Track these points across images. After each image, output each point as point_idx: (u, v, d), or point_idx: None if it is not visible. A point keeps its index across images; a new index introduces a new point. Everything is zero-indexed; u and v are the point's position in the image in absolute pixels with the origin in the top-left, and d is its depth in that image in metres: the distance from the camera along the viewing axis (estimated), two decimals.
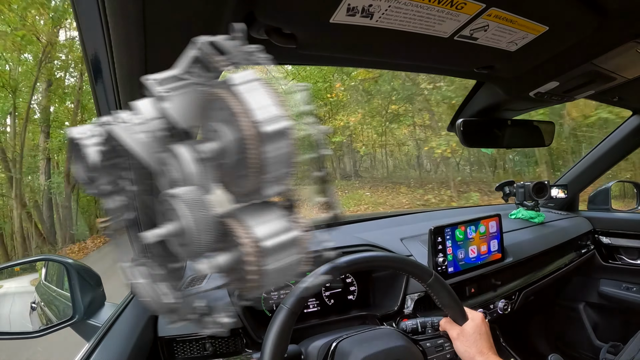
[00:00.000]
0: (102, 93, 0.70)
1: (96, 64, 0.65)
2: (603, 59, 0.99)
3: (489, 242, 1.63)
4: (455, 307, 1.02)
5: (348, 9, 0.63)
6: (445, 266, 1.50)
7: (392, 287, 1.39)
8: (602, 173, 2.20)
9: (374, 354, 0.93)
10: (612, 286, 2.14)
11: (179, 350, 1.17)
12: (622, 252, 2.13)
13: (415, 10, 0.67)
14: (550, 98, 1.25)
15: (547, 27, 0.78)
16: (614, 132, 2.05)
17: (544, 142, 1.61)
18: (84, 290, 1.23)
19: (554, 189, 2.19)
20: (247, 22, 0.64)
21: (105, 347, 0.99)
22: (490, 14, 0.71)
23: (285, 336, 0.86)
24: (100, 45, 0.60)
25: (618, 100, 1.52)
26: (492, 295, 1.61)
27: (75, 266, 1.23)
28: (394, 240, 1.63)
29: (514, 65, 0.98)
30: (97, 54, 0.63)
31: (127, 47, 0.59)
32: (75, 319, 1.18)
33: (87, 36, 0.62)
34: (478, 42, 0.81)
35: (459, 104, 1.44)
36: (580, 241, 2.12)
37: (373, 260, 1.03)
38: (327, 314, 1.36)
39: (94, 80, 0.68)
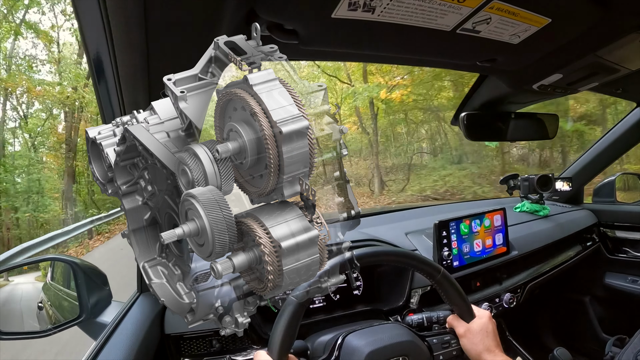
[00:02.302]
0: (105, 93, 0.70)
1: (99, 65, 0.65)
2: (606, 51, 0.98)
3: (494, 236, 1.63)
4: (463, 305, 1.02)
5: (349, 4, 0.63)
6: (450, 260, 1.50)
7: (398, 281, 1.39)
8: (606, 165, 2.19)
9: (380, 348, 0.93)
10: (617, 279, 2.13)
11: (186, 347, 1.18)
12: (628, 244, 2.12)
13: (417, 4, 0.67)
14: (553, 90, 1.25)
15: (549, 19, 0.78)
16: (618, 125, 2.03)
17: (547, 135, 1.60)
18: (91, 289, 1.24)
19: (559, 181, 2.18)
20: (248, 18, 0.64)
21: (113, 345, 1.00)
22: (492, 6, 0.70)
23: (292, 328, 0.86)
24: (103, 46, 0.60)
25: (622, 91, 1.51)
26: (498, 289, 1.61)
27: (81, 266, 1.24)
28: (399, 235, 1.63)
29: (517, 58, 0.97)
30: (99, 55, 0.63)
31: (129, 47, 0.59)
32: (82, 318, 1.19)
33: (89, 37, 0.62)
34: (480, 35, 0.80)
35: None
36: (585, 234, 2.11)
37: (380, 254, 1.03)
38: (333, 309, 1.36)
39: (97, 81, 0.69)
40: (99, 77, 0.68)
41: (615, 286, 2.12)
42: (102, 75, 0.67)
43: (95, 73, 0.67)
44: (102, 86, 0.69)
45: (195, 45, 0.61)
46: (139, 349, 1.00)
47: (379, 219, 1.96)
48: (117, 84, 0.66)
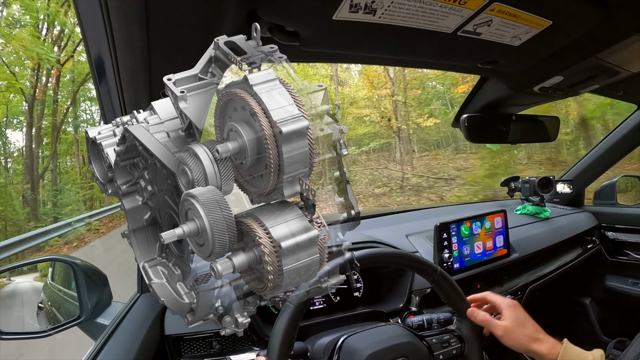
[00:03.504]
0: (106, 93, 0.70)
1: (100, 65, 0.65)
2: (607, 53, 0.98)
3: (495, 238, 1.63)
4: (461, 303, 1.02)
5: (351, 6, 0.63)
6: (450, 262, 1.50)
7: (398, 283, 1.39)
8: (607, 168, 2.18)
9: (380, 350, 0.93)
10: (618, 282, 2.12)
11: (186, 348, 1.18)
12: (629, 247, 2.11)
13: (418, 6, 0.67)
14: (554, 93, 1.25)
15: (550, 21, 0.78)
16: (619, 127, 2.03)
17: (549, 137, 1.60)
18: (91, 289, 1.24)
19: (560, 184, 2.18)
20: (250, 20, 0.64)
21: (113, 345, 1.00)
22: (493, 8, 0.70)
23: (291, 333, 0.86)
24: (104, 46, 0.60)
25: (623, 94, 1.51)
26: (498, 291, 1.61)
27: (82, 266, 1.24)
28: (399, 237, 1.63)
29: (518, 60, 0.97)
30: (100, 55, 0.64)
31: (130, 47, 0.59)
32: (82, 318, 1.19)
33: (90, 37, 0.62)
34: (482, 37, 0.80)
35: None
36: (586, 236, 2.11)
37: (378, 256, 1.03)
38: (333, 310, 1.36)
39: (98, 81, 0.69)
40: (99, 77, 0.68)
41: (616, 289, 2.11)
42: (103, 75, 0.67)
43: (96, 73, 0.67)
44: (103, 86, 0.69)
45: (196, 45, 0.61)
46: (139, 350, 1.00)
47: (379, 221, 1.95)
48: (118, 84, 0.66)
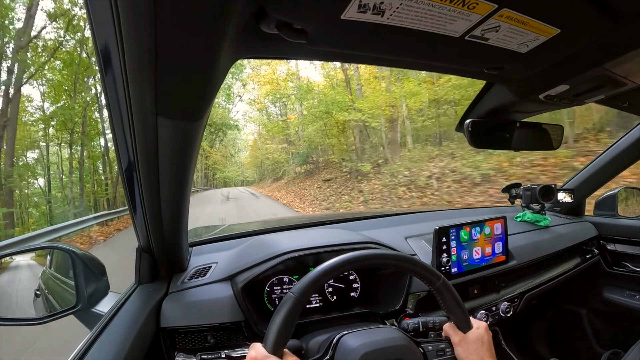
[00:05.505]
0: (112, 85, 0.70)
1: (106, 56, 0.65)
2: (614, 64, 0.98)
3: (494, 244, 1.63)
4: (461, 315, 1.02)
5: (359, 6, 0.63)
6: (448, 266, 1.50)
7: (395, 285, 1.39)
8: (609, 179, 2.18)
9: (374, 350, 0.93)
10: (615, 293, 2.12)
11: (181, 341, 1.18)
12: (627, 259, 2.12)
13: (427, 9, 0.67)
14: (559, 101, 1.24)
15: (558, 30, 0.78)
16: (623, 138, 2.03)
17: (552, 146, 1.59)
18: (89, 279, 1.24)
19: (561, 193, 2.18)
20: (258, 16, 0.64)
21: (108, 335, 1.00)
22: (502, 14, 0.70)
23: (290, 322, 0.86)
24: (111, 37, 0.60)
25: (628, 105, 1.50)
26: (495, 298, 1.61)
27: (80, 255, 1.24)
28: (398, 239, 1.63)
29: (525, 67, 0.97)
30: (107, 47, 0.64)
31: (138, 39, 0.59)
32: (78, 307, 1.20)
33: (97, 29, 0.62)
34: (489, 43, 0.80)
35: None
36: (585, 246, 2.11)
37: (381, 257, 1.02)
38: (329, 310, 1.36)
39: (104, 72, 0.69)
40: (106, 69, 0.68)
41: (613, 300, 2.11)
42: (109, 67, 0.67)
43: (103, 65, 0.68)
44: (109, 78, 0.69)
45: (203, 39, 0.61)
46: (134, 341, 1.00)
47: (378, 222, 1.96)
48: (124, 76, 0.66)
